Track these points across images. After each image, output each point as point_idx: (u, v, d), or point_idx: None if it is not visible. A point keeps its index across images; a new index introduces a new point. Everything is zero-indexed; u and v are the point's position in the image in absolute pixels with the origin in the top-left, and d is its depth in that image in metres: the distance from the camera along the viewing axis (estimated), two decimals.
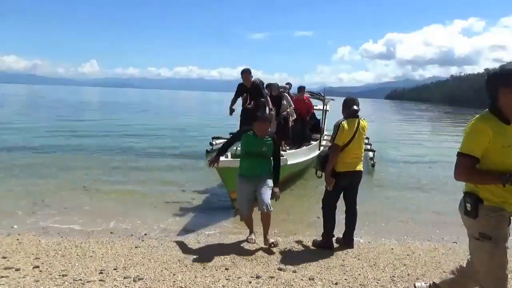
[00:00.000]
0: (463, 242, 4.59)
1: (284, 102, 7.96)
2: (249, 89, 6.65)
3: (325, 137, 11.13)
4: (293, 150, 7.77)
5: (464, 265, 2.49)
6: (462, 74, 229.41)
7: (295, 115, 8.27)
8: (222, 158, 5.49)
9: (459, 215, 2.28)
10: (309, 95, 10.02)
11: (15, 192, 6.21)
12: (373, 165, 9.19)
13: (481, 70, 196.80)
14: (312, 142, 9.28)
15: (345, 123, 3.88)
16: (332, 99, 11.69)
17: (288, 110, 7.97)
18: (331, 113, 11.65)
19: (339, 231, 4.28)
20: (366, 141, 11.58)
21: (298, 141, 8.82)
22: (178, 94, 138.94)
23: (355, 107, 3.99)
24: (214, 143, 10.94)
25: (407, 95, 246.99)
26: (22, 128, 15.18)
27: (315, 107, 10.65)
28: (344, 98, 4.25)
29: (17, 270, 3.26)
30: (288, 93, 8.39)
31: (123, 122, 20.26)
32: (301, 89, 9.42)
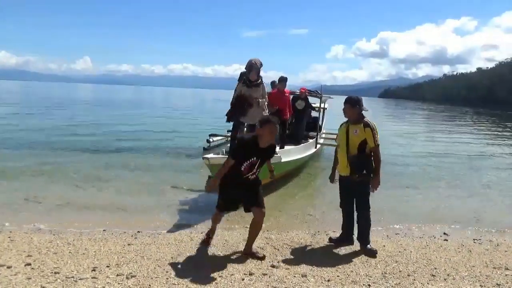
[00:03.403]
0: (453, 239, 4.67)
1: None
2: None
3: (323, 135, 11.06)
4: (288, 148, 7.69)
5: None
6: (455, 73, 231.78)
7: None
8: (212, 156, 5.60)
9: (451, 212, 2.29)
10: (307, 93, 9.96)
11: (6, 189, 6.15)
12: None
13: (474, 69, 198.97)
14: (309, 140, 9.25)
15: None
16: (330, 97, 11.66)
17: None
18: (328, 111, 11.68)
19: (334, 231, 4.31)
20: None
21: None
22: (172, 92, 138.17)
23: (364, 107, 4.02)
24: (211, 140, 10.91)
25: (401, 93, 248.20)
26: (14, 125, 15.01)
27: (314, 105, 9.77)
28: (354, 96, 4.02)
29: (8, 267, 3.24)
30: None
31: (117, 119, 20.13)
32: (280, 80, 7.71)
